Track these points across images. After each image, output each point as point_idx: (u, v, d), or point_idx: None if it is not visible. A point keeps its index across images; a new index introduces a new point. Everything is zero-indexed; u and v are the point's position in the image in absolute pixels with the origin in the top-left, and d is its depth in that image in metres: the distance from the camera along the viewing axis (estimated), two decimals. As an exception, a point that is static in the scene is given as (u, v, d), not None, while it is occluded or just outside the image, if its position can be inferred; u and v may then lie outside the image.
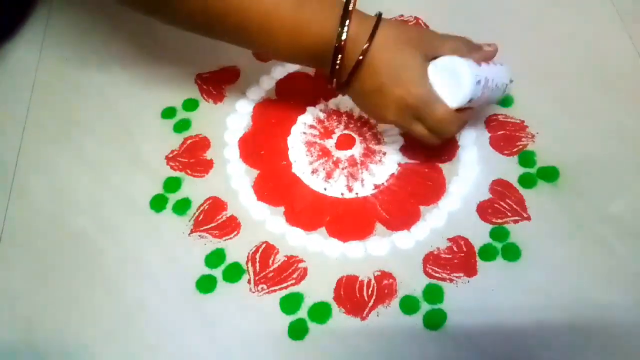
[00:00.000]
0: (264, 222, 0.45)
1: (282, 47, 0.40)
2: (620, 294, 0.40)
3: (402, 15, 0.56)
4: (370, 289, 0.41)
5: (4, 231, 0.45)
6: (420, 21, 0.55)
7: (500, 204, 0.44)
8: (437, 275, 0.42)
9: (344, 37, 0.38)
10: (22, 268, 0.44)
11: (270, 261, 0.43)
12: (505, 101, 0.49)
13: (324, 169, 0.47)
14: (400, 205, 0.45)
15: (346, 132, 0.49)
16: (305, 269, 0.42)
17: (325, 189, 0.46)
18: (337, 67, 0.39)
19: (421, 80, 0.39)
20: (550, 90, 0.50)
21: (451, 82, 0.39)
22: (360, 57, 0.38)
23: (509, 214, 0.44)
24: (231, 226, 0.44)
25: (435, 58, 0.40)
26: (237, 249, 0.43)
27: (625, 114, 0.48)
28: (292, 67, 0.53)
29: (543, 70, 0.51)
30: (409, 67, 0.39)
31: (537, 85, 0.50)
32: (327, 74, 0.41)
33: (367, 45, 0.38)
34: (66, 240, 0.44)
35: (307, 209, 0.45)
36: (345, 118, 0.50)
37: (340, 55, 0.38)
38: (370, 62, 0.39)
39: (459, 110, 0.40)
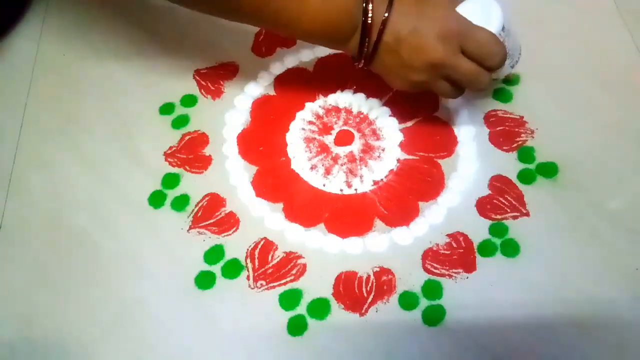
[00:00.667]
0: (263, 219, 0.45)
1: (307, 22, 0.40)
2: (619, 288, 0.40)
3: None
4: (369, 285, 0.41)
5: (2, 229, 0.45)
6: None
7: (500, 199, 0.44)
8: (436, 271, 0.42)
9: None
10: (20, 265, 0.44)
11: (270, 257, 0.43)
12: (505, 97, 0.49)
13: (323, 165, 0.47)
14: (399, 201, 0.45)
15: (345, 128, 0.49)
16: (304, 265, 0.42)
17: (324, 185, 0.46)
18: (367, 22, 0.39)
19: (454, 13, 0.40)
20: (550, 86, 0.50)
21: (482, 18, 0.40)
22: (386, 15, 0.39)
23: (508, 209, 0.44)
24: (230, 222, 0.44)
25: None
26: (236, 245, 0.43)
27: (624, 110, 0.48)
28: (290, 63, 0.53)
29: (543, 66, 0.51)
30: (438, 4, 0.40)
31: (537, 81, 0.50)
32: (350, 44, 0.41)
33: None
34: (64, 237, 0.44)
35: (306, 205, 0.45)
36: (344, 114, 0.50)
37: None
38: (398, 7, 0.39)
39: None
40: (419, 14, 0.39)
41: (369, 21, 0.39)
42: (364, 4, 0.39)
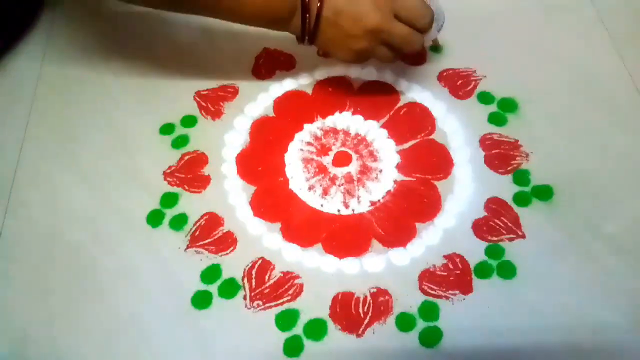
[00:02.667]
0: (261, 238, 0.45)
1: (249, 6, 0.44)
2: (615, 310, 0.40)
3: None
4: (366, 305, 0.41)
5: (1, 245, 0.45)
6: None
7: (495, 221, 0.45)
8: (432, 292, 0.42)
9: None
10: (18, 282, 0.43)
11: (266, 277, 0.43)
12: (500, 120, 0.50)
13: (320, 186, 0.47)
14: (396, 222, 0.45)
15: (343, 149, 0.49)
16: (301, 285, 0.42)
17: (321, 206, 0.46)
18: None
19: None
20: (544, 109, 0.51)
21: None
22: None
23: (504, 231, 0.44)
24: (227, 242, 0.44)
25: None
26: (233, 265, 0.43)
27: (618, 132, 0.49)
28: (289, 86, 0.54)
29: (537, 90, 0.52)
30: None
31: (531, 104, 0.51)
32: (292, 26, 0.45)
33: None
34: (63, 255, 0.44)
35: (303, 225, 0.45)
36: (342, 135, 0.50)
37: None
38: None
39: None
40: None
41: None
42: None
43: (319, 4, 0.43)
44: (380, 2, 0.43)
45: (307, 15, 0.43)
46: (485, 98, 0.52)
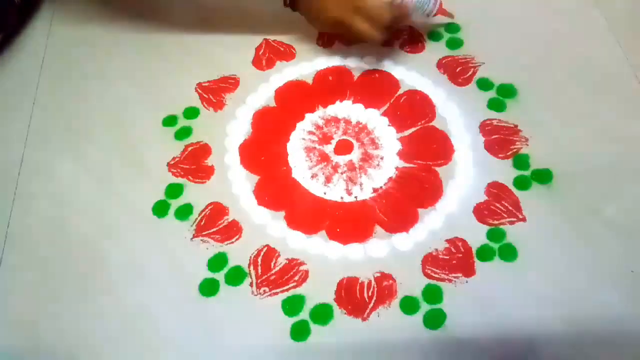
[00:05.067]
0: (265, 226, 0.45)
1: None
2: (615, 291, 0.41)
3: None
4: (371, 290, 0.42)
5: (8, 238, 0.46)
6: (414, 30, 0.56)
7: (496, 205, 0.45)
8: (436, 275, 0.42)
9: None
10: (26, 274, 0.44)
11: (272, 264, 0.43)
12: (499, 106, 0.51)
13: (323, 174, 0.48)
14: (399, 208, 0.46)
15: (344, 137, 0.50)
16: (306, 272, 0.43)
17: (325, 193, 0.47)
18: None
19: None
20: (542, 95, 0.51)
21: None
22: None
23: (504, 215, 0.45)
24: (233, 230, 0.45)
25: None
26: (239, 253, 0.44)
27: (615, 116, 0.50)
28: (290, 76, 0.54)
29: (535, 76, 0.52)
30: None
31: (529, 90, 0.52)
32: None
33: None
34: (70, 247, 0.45)
35: (307, 213, 0.46)
36: (343, 124, 0.51)
37: None
38: None
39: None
40: None
41: None
42: None
43: None
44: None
45: None
46: (484, 84, 0.52)
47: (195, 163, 0.49)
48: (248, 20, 0.57)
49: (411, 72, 0.54)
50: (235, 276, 0.43)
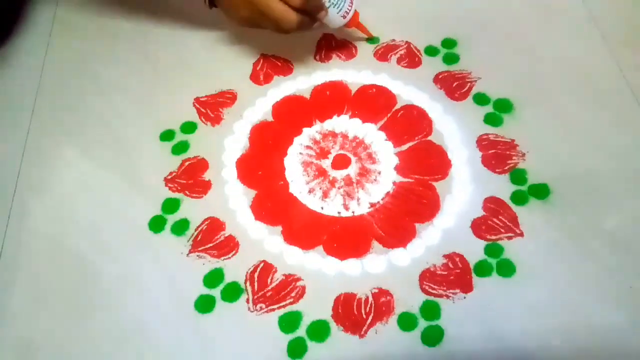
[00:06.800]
0: (262, 242, 0.45)
1: None
2: (613, 306, 0.41)
3: (394, 40, 0.57)
4: (368, 306, 0.42)
5: (3, 253, 0.45)
6: (411, 46, 0.57)
7: (494, 220, 0.45)
8: (433, 291, 0.42)
9: None
10: (21, 289, 0.44)
11: (269, 280, 0.43)
12: (495, 121, 0.51)
13: (320, 189, 0.48)
14: (396, 223, 0.46)
15: (341, 152, 0.50)
16: (303, 288, 0.43)
17: (322, 208, 0.47)
18: None
19: None
20: (539, 109, 0.51)
21: None
22: None
23: (502, 230, 0.45)
24: (229, 246, 0.45)
25: None
26: (236, 269, 0.44)
27: (612, 131, 0.50)
28: (287, 90, 0.55)
29: (531, 90, 0.53)
30: None
31: (526, 105, 0.52)
32: None
33: None
34: (65, 262, 0.45)
35: (304, 228, 0.46)
36: (341, 139, 0.51)
37: None
38: None
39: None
40: None
41: None
42: None
43: None
44: None
45: None
46: (481, 99, 0.53)
47: (192, 178, 0.49)
48: (246, 34, 0.57)
49: (408, 87, 0.54)
50: (232, 292, 0.43)
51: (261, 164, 0.50)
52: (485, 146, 0.50)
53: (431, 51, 0.56)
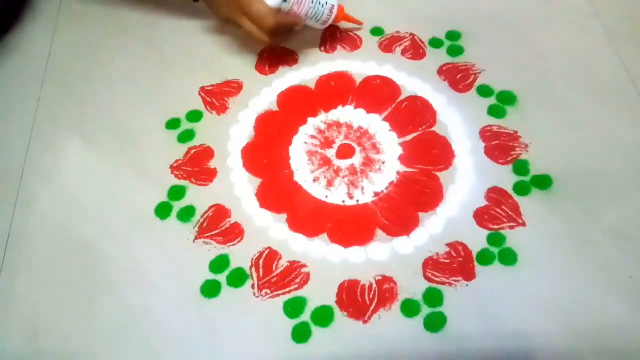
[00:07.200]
0: (267, 229, 0.46)
1: None
2: (614, 297, 0.42)
3: (398, 32, 0.58)
4: (372, 292, 0.42)
5: (10, 239, 0.46)
6: (415, 37, 0.57)
7: (496, 210, 0.46)
8: (436, 279, 0.43)
9: None
10: (28, 276, 0.44)
11: (274, 266, 0.44)
12: (499, 112, 0.51)
13: (324, 177, 0.48)
14: (400, 212, 0.46)
15: (346, 141, 0.50)
16: (307, 274, 0.43)
17: (326, 197, 0.47)
18: None
19: None
20: (542, 101, 0.52)
21: None
22: None
23: (504, 220, 0.45)
24: (235, 232, 0.45)
25: None
26: (241, 255, 0.44)
27: (613, 123, 0.50)
28: (292, 80, 0.55)
29: (534, 83, 0.53)
30: None
31: (529, 97, 0.52)
32: None
33: None
34: (72, 247, 0.45)
35: (309, 216, 0.46)
36: (345, 128, 0.51)
37: None
38: None
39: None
40: None
41: None
42: None
43: None
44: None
45: None
46: (484, 91, 0.53)
47: (197, 165, 0.49)
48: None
49: (412, 78, 0.54)
50: (237, 278, 0.43)
51: (266, 153, 0.50)
52: (489, 137, 0.50)
53: (435, 43, 0.57)
